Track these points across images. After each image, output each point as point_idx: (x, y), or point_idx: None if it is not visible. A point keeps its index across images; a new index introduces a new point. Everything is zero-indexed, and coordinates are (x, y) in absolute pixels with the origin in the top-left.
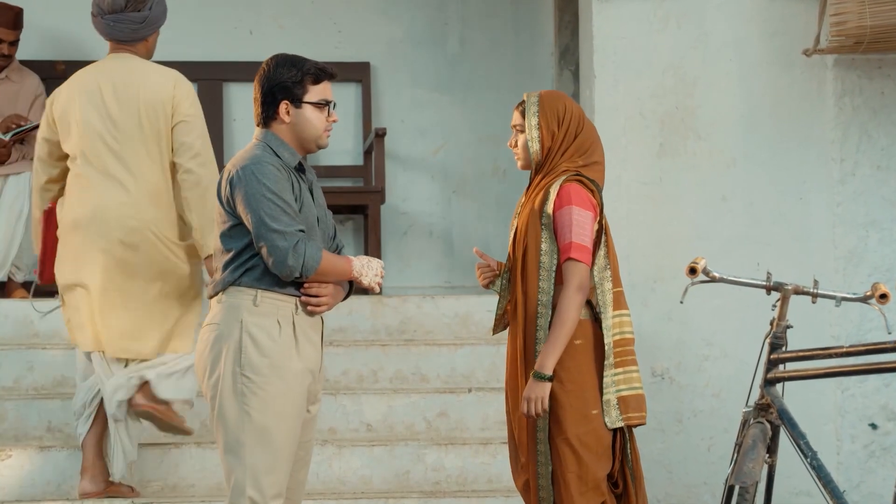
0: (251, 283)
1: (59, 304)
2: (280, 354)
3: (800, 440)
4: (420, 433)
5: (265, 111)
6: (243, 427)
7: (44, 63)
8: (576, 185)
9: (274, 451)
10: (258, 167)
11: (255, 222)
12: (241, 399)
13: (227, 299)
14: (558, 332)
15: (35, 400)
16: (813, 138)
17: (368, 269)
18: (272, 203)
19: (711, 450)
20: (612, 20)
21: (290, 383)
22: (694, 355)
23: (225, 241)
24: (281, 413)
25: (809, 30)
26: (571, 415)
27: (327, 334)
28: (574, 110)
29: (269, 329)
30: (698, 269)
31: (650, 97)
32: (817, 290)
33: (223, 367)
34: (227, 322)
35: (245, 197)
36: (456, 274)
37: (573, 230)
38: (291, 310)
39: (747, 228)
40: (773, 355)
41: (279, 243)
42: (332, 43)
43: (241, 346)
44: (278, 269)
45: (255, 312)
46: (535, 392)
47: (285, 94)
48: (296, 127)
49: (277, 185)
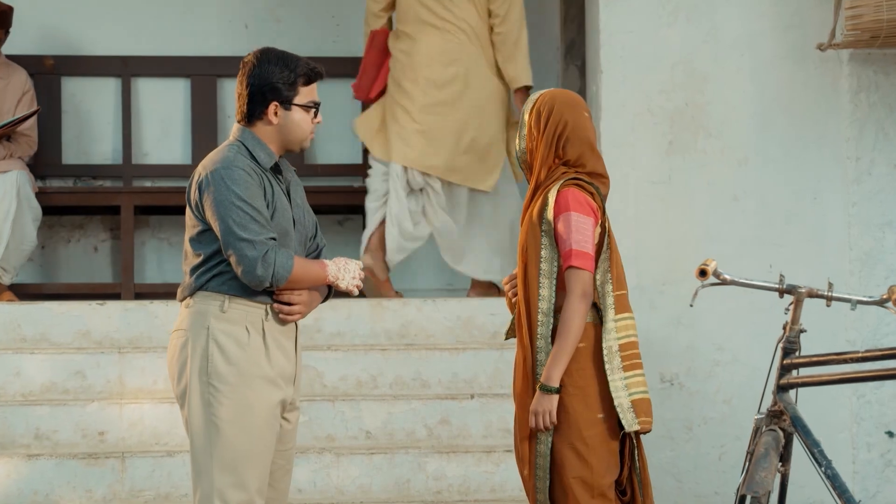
0: (219, 288)
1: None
2: (248, 362)
3: (814, 448)
4: (421, 441)
5: (251, 110)
6: (210, 438)
7: (32, 58)
8: (574, 190)
9: (242, 463)
10: (228, 172)
11: (224, 230)
12: (207, 409)
13: (195, 304)
14: (563, 342)
15: (22, 406)
16: (827, 136)
17: (346, 271)
18: (241, 210)
19: (722, 458)
20: (619, 14)
21: (258, 393)
22: (704, 360)
23: (194, 245)
24: (250, 424)
25: (824, 24)
26: (576, 419)
27: (325, 338)
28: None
29: (237, 336)
30: (708, 272)
31: (659, 93)
32: (832, 292)
33: (189, 375)
34: (193, 328)
35: (214, 203)
36: (458, 276)
37: (573, 237)
38: (261, 316)
39: (759, 229)
40: (786, 360)
41: (248, 252)
42: (329, 37)
43: (207, 354)
44: (247, 278)
45: (222, 319)
46: (543, 405)
47: (275, 95)
48: (282, 129)
49: (247, 192)
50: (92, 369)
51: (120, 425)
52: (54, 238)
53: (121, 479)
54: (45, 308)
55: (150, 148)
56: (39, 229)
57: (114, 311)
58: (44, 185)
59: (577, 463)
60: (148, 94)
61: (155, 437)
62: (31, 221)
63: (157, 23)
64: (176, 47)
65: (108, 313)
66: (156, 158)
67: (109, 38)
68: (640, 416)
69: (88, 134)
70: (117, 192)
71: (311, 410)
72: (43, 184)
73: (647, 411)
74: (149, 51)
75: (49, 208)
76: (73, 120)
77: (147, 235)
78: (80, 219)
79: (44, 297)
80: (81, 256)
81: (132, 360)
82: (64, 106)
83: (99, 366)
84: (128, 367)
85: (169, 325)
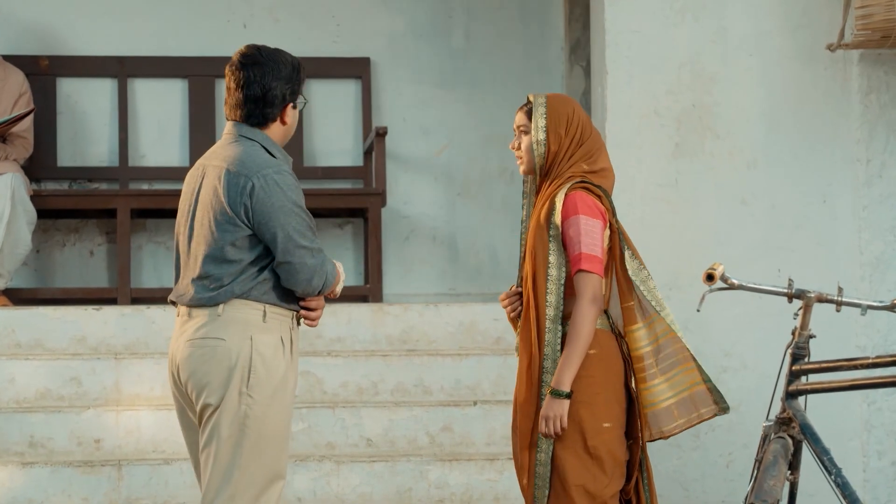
0: (260, 297)
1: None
2: (283, 372)
3: (823, 456)
4: (423, 448)
5: (269, 113)
6: (240, 449)
7: (26, 58)
8: (581, 193)
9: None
10: (281, 177)
11: (283, 237)
12: (243, 420)
13: (232, 313)
14: (573, 346)
15: (16, 413)
16: (837, 138)
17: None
18: (299, 217)
19: (730, 466)
20: (625, 13)
21: (287, 403)
22: (712, 366)
23: (232, 251)
24: (279, 432)
25: (834, 23)
26: (582, 427)
27: (325, 344)
28: (582, 116)
29: (276, 347)
30: (716, 276)
31: (666, 94)
32: (842, 297)
33: (230, 387)
34: (235, 338)
35: (271, 209)
36: (460, 281)
37: (582, 240)
38: (290, 324)
39: (768, 233)
40: (795, 367)
41: (308, 261)
42: (329, 37)
43: (251, 365)
44: (302, 286)
45: (264, 330)
46: (554, 410)
47: (293, 96)
48: (288, 129)
49: (300, 198)
50: (88, 376)
51: (116, 433)
52: (49, 242)
53: (117, 488)
54: (40, 313)
55: (146, 150)
56: (34, 233)
57: (110, 316)
58: (39, 187)
59: (580, 471)
60: (145, 95)
61: (152, 444)
62: (25, 225)
63: (154, 22)
64: (173, 47)
65: (105, 318)
66: (153, 161)
67: (105, 37)
68: (706, 405)
69: (84, 136)
70: (113, 194)
71: (310, 417)
72: (38, 186)
73: (701, 402)
74: (146, 51)
75: (44, 211)
76: (69, 121)
77: (144, 239)
78: (76, 222)
79: (39, 302)
80: (77, 260)
81: (129, 367)
82: (59, 107)
83: (95, 372)
84: (124, 374)
85: (167, 330)
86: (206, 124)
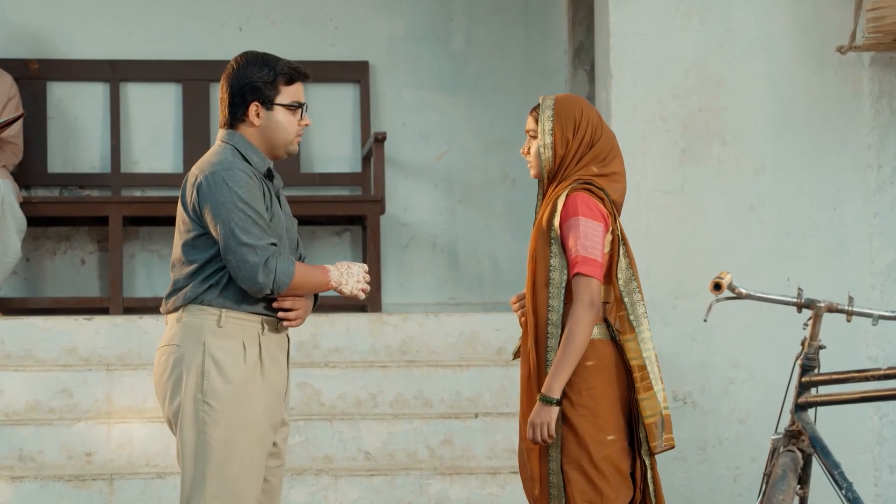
0: (214, 301)
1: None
2: (244, 380)
3: (834, 470)
4: (423, 462)
5: (233, 112)
6: (204, 458)
7: (16, 61)
8: (583, 195)
9: (236, 485)
10: (229, 174)
11: (225, 233)
12: (201, 428)
13: (188, 318)
14: (566, 352)
15: (5, 426)
16: (848, 143)
17: (349, 275)
18: (243, 213)
19: (738, 480)
20: (630, 16)
21: (254, 411)
22: (719, 378)
23: (187, 251)
24: (244, 444)
25: (844, 25)
26: (585, 440)
27: (322, 355)
28: (592, 117)
29: (234, 352)
30: (723, 285)
31: (671, 99)
32: (853, 307)
33: (184, 394)
34: (187, 344)
35: (215, 206)
36: (461, 290)
37: (581, 243)
38: (257, 329)
39: (777, 241)
40: (804, 378)
41: (249, 258)
42: (327, 40)
43: (203, 371)
44: (248, 285)
45: (218, 334)
46: (541, 417)
47: (256, 94)
48: (265, 130)
49: (250, 194)
50: (79, 387)
51: (108, 446)
52: (39, 250)
53: (109, 503)
54: (30, 323)
55: (139, 156)
56: (24, 241)
57: (101, 326)
58: (29, 194)
59: (585, 486)
60: (138, 99)
61: (145, 458)
62: (15, 233)
63: (147, 25)
64: (167, 51)
65: (96, 329)
66: (146, 167)
67: (97, 40)
68: (670, 432)
69: (75, 141)
70: (105, 201)
71: (307, 430)
72: (28, 193)
73: (668, 428)
74: (139, 54)
75: (34, 219)
76: (60, 126)
77: (136, 247)
78: (67, 230)
79: (28, 312)
80: (68, 269)
81: (121, 378)
82: (50, 112)
83: (86, 384)
84: (116, 385)
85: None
86: (201, 129)
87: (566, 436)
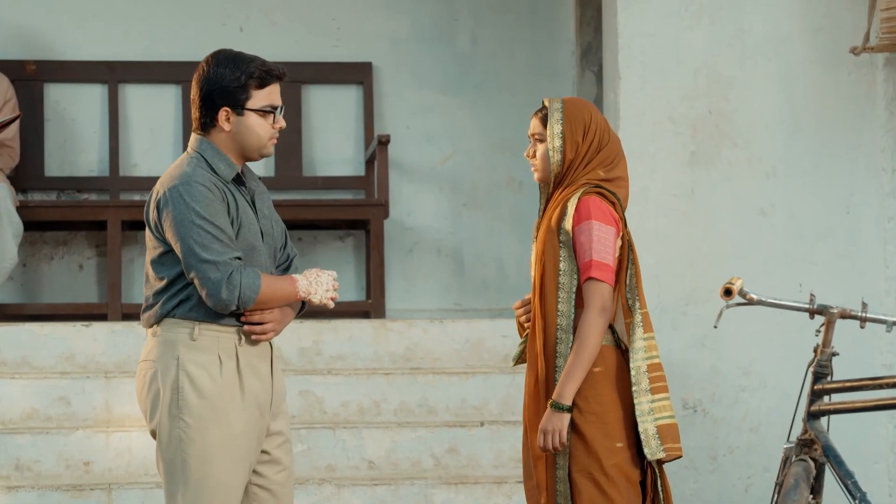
0: (186, 314)
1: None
2: (221, 394)
3: (847, 479)
4: (427, 471)
5: (203, 117)
6: (181, 476)
7: (12, 63)
8: (595, 199)
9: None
10: (187, 188)
11: (185, 251)
12: (178, 445)
13: (162, 333)
14: (579, 358)
15: (2, 435)
16: (861, 146)
17: (317, 284)
18: (202, 230)
19: (749, 490)
20: (638, 16)
21: (233, 426)
22: (729, 385)
23: (156, 268)
24: (223, 461)
25: (858, 26)
26: (594, 448)
27: (325, 362)
28: (600, 120)
29: (209, 366)
30: (734, 291)
31: (681, 100)
32: (866, 313)
33: (161, 410)
34: (162, 359)
35: (173, 222)
36: (466, 295)
37: (594, 247)
38: (234, 341)
39: (788, 245)
40: (817, 386)
41: (211, 275)
42: (329, 41)
43: (177, 387)
44: (212, 302)
45: (192, 348)
46: (553, 424)
47: (225, 99)
48: (236, 136)
49: (209, 209)
50: (76, 395)
51: (106, 455)
52: (36, 255)
53: None
54: (27, 330)
55: (138, 159)
56: (20, 246)
57: (100, 332)
58: (25, 198)
59: (595, 495)
60: (136, 101)
61: (144, 467)
62: (11, 237)
63: (145, 25)
64: (166, 51)
65: (94, 335)
66: (145, 170)
67: (95, 41)
68: (665, 442)
69: (73, 144)
70: (104, 206)
71: (310, 439)
72: (24, 197)
73: (674, 437)
74: (137, 55)
75: (31, 223)
76: (57, 129)
77: (135, 252)
78: (64, 234)
79: (25, 319)
80: (65, 275)
81: (119, 386)
82: (47, 114)
83: (84, 391)
84: (115, 393)
85: None
86: None
87: (575, 443)
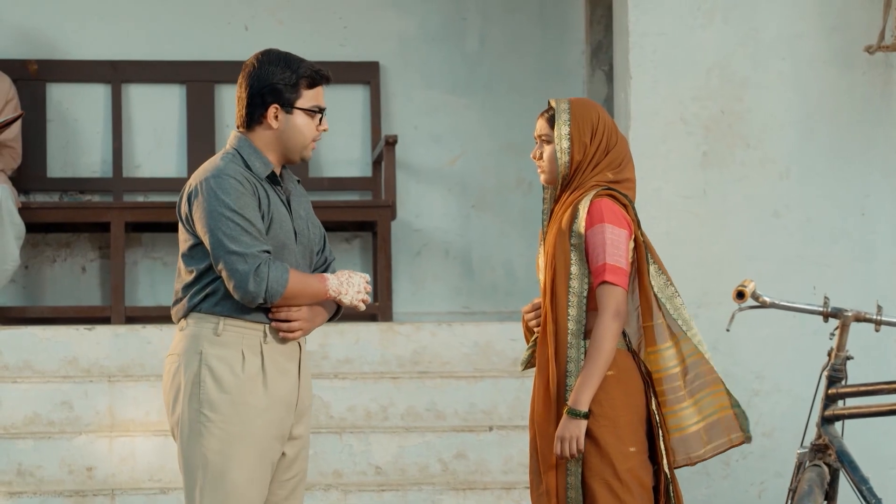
0: (212, 308)
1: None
2: (242, 390)
3: (862, 485)
4: (435, 476)
5: (250, 114)
6: (200, 471)
7: (14, 62)
8: (607, 201)
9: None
10: (218, 181)
11: (213, 243)
12: (198, 440)
13: (188, 327)
14: (594, 364)
15: (3, 440)
16: (876, 147)
17: (349, 285)
18: (231, 222)
19: (762, 496)
20: (650, 14)
21: (254, 423)
22: (742, 390)
23: (186, 261)
24: (242, 457)
25: (872, 24)
26: (607, 453)
27: (332, 366)
28: (608, 122)
29: (232, 361)
30: (747, 294)
31: (693, 100)
32: (881, 316)
33: (182, 404)
34: (186, 353)
35: (203, 214)
36: (475, 298)
37: (607, 250)
38: (259, 338)
39: (802, 247)
40: (831, 390)
41: (239, 266)
42: (336, 40)
43: (199, 381)
44: (239, 294)
45: (216, 343)
46: (570, 431)
47: (276, 97)
48: (283, 134)
49: (239, 202)
50: (79, 399)
51: (110, 460)
52: (39, 257)
53: None
54: (29, 333)
55: (142, 160)
56: (23, 248)
57: (103, 336)
58: (27, 199)
59: (610, 500)
60: (140, 101)
61: (148, 472)
62: (13, 239)
63: (149, 24)
64: (170, 51)
65: (97, 339)
66: (148, 171)
67: (98, 40)
68: (734, 430)
69: (76, 145)
70: (107, 207)
71: (316, 443)
72: (27, 198)
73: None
74: (141, 55)
75: (33, 225)
76: (60, 129)
77: (139, 254)
78: (67, 236)
79: (27, 322)
80: (68, 277)
81: (123, 390)
82: (49, 114)
83: (87, 396)
84: (118, 398)
85: (163, 350)
86: (205, 132)
87: (588, 448)
